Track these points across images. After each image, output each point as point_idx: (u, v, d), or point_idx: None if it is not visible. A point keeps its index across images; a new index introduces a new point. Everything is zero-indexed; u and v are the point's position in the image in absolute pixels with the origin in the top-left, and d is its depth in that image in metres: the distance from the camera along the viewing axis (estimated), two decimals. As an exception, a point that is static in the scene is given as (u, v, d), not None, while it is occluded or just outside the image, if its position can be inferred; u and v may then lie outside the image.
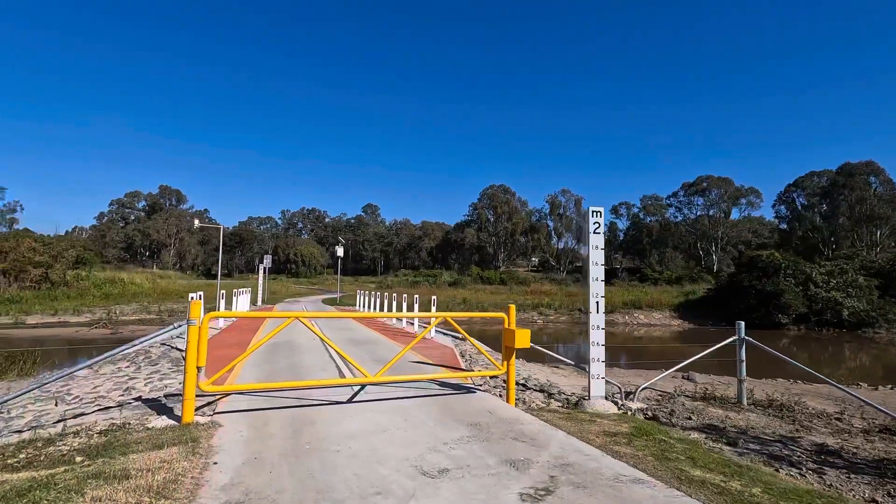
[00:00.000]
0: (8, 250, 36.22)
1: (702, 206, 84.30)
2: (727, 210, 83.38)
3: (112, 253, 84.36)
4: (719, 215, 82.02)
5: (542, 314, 31.56)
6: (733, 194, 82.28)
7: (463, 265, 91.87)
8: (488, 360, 8.51)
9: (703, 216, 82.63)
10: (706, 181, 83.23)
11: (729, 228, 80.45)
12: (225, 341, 11.06)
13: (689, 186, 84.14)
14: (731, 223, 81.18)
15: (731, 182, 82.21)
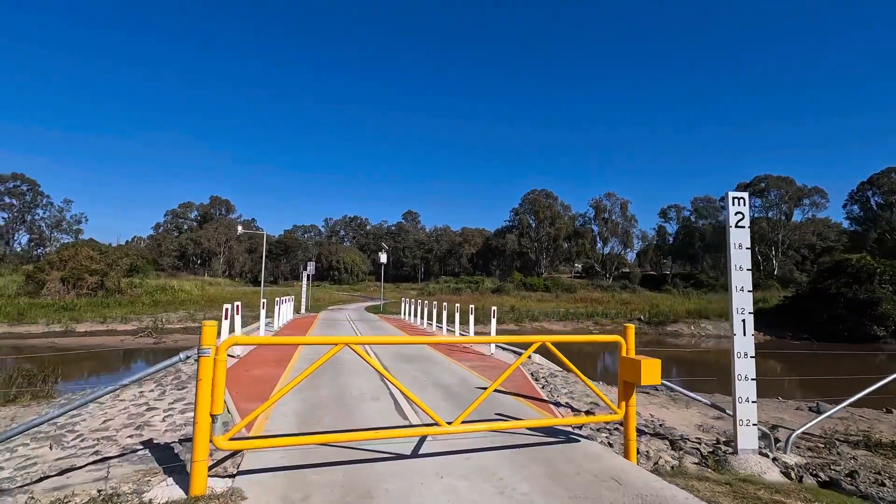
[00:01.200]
0: (67, 259, 37.53)
1: (759, 207, 78.80)
2: (788, 212, 77.55)
3: (167, 261, 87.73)
4: (779, 217, 76.34)
5: (597, 324, 29.40)
6: (795, 194, 76.40)
7: (504, 271, 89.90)
8: (569, 385, 7.10)
9: (762, 218, 77.16)
10: (764, 181, 77.80)
11: (791, 231, 74.70)
12: (262, 356, 9.98)
13: (746, 187, 78.88)
14: (793, 226, 75.38)
15: (791, 182, 76.44)
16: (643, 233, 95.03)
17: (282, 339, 3.76)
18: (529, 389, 7.19)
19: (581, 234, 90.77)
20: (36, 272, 36.55)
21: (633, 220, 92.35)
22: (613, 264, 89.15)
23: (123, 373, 12.93)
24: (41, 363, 15.95)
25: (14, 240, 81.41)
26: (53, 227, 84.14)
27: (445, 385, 7.23)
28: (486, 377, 7.96)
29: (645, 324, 29.53)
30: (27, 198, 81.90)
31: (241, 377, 7.56)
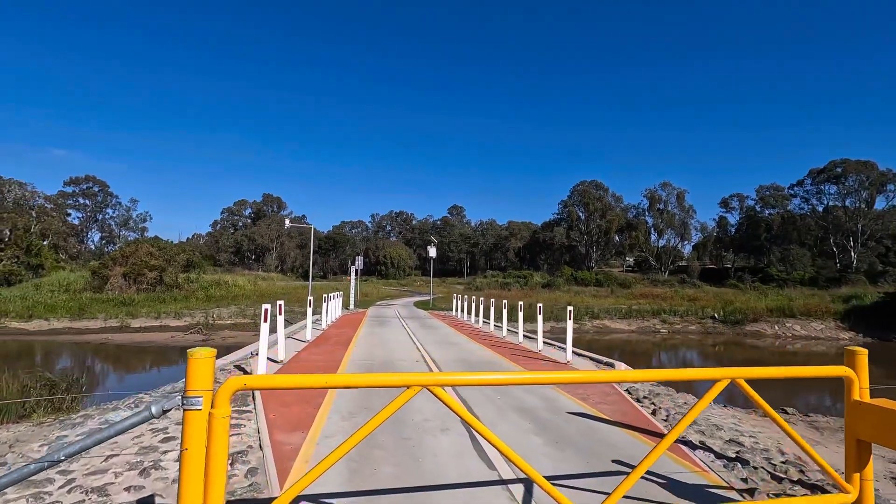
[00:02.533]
0: (128, 255, 38.89)
1: (835, 195, 71.83)
2: (870, 199, 70.20)
3: (224, 257, 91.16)
4: (858, 205, 69.23)
5: (664, 322, 26.95)
6: (877, 180, 68.88)
7: (552, 266, 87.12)
8: (681, 408, 5.41)
9: (837, 207, 70.30)
10: (841, 166, 70.67)
11: (872, 220, 67.55)
12: (311, 361, 8.91)
13: (819, 173, 72.13)
14: (874, 214, 68.12)
15: (873, 166, 68.95)
16: (702, 224, 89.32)
17: (317, 379, 2.39)
18: (637, 417, 5.61)
19: (634, 226, 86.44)
20: (100, 268, 38.07)
21: (690, 211, 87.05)
22: (669, 258, 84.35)
23: (162, 376, 12.35)
24: (82, 360, 15.97)
25: (88, 238, 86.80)
26: (121, 226, 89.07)
27: (528, 409, 5.79)
28: (577, 397, 6.44)
29: (720, 322, 26.79)
30: (98, 198, 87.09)
31: (280, 392, 6.44)
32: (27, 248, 44.39)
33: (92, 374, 13.71)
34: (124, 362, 16.56)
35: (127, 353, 17.87)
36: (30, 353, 17.63)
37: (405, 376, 2.37)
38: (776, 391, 11.73)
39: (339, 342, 11.96)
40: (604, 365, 9.53)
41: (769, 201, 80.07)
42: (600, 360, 9.89)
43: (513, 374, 2.55)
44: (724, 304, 29.74)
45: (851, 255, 65.92)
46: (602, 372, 7.45)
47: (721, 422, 5.91)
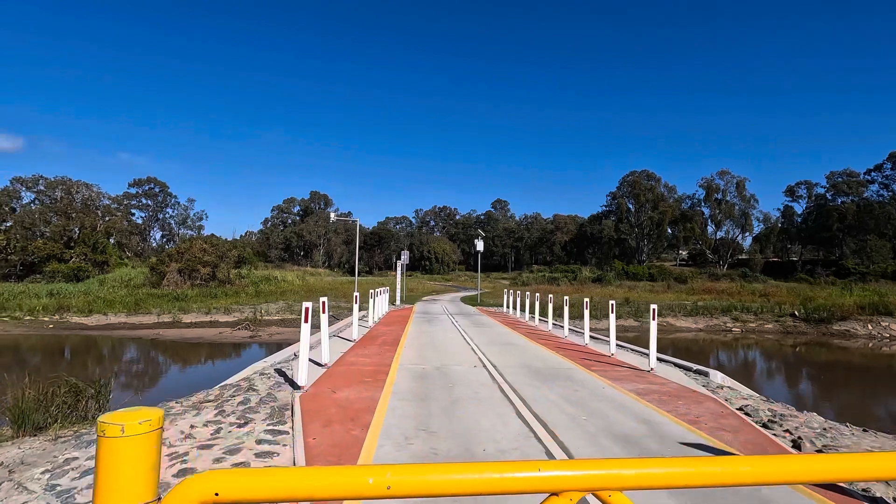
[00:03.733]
0: (183, 251, 40.12)
1: (921, 179, 65.05)
2: (962, 183, 63.07)
3: (274, 253, 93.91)
4: (948, 191, 62.32)
5: (736, 319, 24.54)
6: (970, 162, 61.57)
7: (601, 260, 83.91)
8: (824, 436, 4.03)
9: (924, 193, 63.62)
10: (928, 147, 63.62)
11: (963, 207, 60.57)
12: (357, 368, 8.02)
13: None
14: (966, 200, 61.05)
15: (965, 147, 61.58)
16: (765, 214, 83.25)
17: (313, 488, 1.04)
18: (761, 440, 4.29)
19: (689, 217, 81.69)
20: (158, 264, 39.46)
21: (752, 200, 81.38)
22: (728, 251, 79.22)
23: (202, 377, 11.92)
24: (127, 357, 15.97)
25: (150, 236, 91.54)
26: (180, 224, 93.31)
27: (627, 436, 4.58)
28: (683, 419, 5.15)
29: (801, 321, 24.11)
30: (159, 198, 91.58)
31: (322, 405, 5.54)
32: (94, 246, 46.78)
33: (130, 374, 13.61)
34: (167, 361, 16.50)
35: (173, 349, 17.86)
36: (79, 349, 17.96)
37: (520, 468, 1.13)
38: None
39: (387, 342, 11.08)
40: (694, 373, 8.12)
41: (842, 188, 73.54)
42: (689, 367, 8.46)
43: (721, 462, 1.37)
44: (804, 300, 26.88)
45: (943, 244, 59.55)
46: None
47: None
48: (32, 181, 49.47)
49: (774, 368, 17.78)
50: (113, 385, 6.79)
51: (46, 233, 45.27)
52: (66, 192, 50.09)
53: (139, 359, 16.59)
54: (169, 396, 6.64)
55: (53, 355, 16.63)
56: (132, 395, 7.42)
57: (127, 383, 12.11)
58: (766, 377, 15.97)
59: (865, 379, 15.86)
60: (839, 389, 14.44)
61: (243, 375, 7.40)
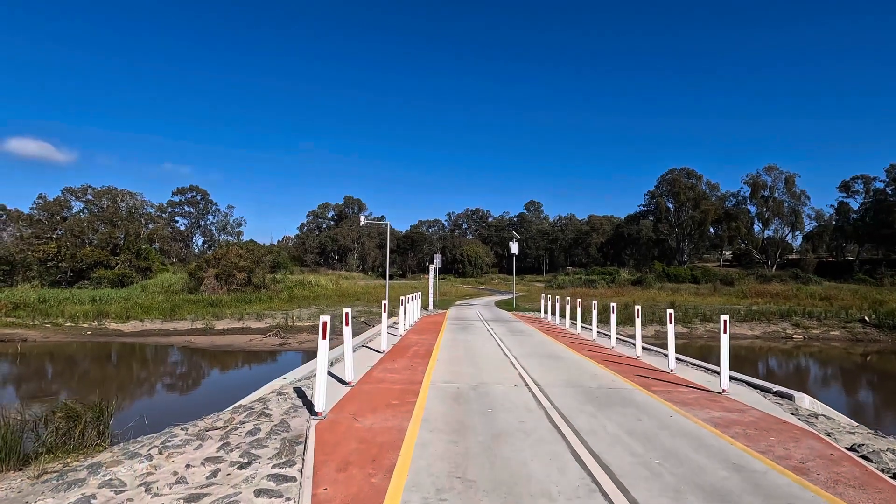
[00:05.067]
0: (220, 257, 40.73)
1: None
2: None
3: (310, 258, 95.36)
4: None
5: (798, 326, 22.48)
6: None
7: (639, 261, 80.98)
8: None
9: None
10: None
11: None
12: (384, 386, 7.25)
13: (975, 145, 60.13)
14: None
15: None
16: (817, 212, 78.37)
17: None
18: None
19: (733, 216, 77.78)
20: (196, 270, 40.19)
21: (802, 197, 76.84)
22: (776, 250, 74.88)
23: (222, 392, 11.40)
24: (149, 367, 15.70)
25: (192, 242, 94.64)
26: (220, 230, 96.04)
27: (718, 489, 3.58)
28: (779, 462, 4.08)
29: (872, 327, 21.88)
30: (201, 206, 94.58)
31: (341, 437, 4.77)
32: (137, 253, 48.24)
33: (147, 388, 13.28)
34: (190, 372, 16.14)
35: (201, 358, 17.59)
36: (102, 358, 17.94)
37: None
38: None
39: (419, 354, 10.28)
40: (775, 395, 6.93)
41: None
42: (769, 388, 7.24)
43: None
44: (872, 304, 24.50)
45: None
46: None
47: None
48: (81, 191, 51.53)
49: (855, 384, 15.94)
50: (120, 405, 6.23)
51: (94, 240, 46.97)
52: (112, 200, 51.95)
53: (162, 370, 16.32)
54: (178, 419, 6.04)
55: (77, 363, 16.65)
56: (138, 417, 6.84)
57: (140, 400, 11.77)
58: (850, 396, 14.22)
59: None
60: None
61: (259, 395, 6.75)
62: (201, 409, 6.97)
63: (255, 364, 16.69)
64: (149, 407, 10.82)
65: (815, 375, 17.08)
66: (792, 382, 13.50)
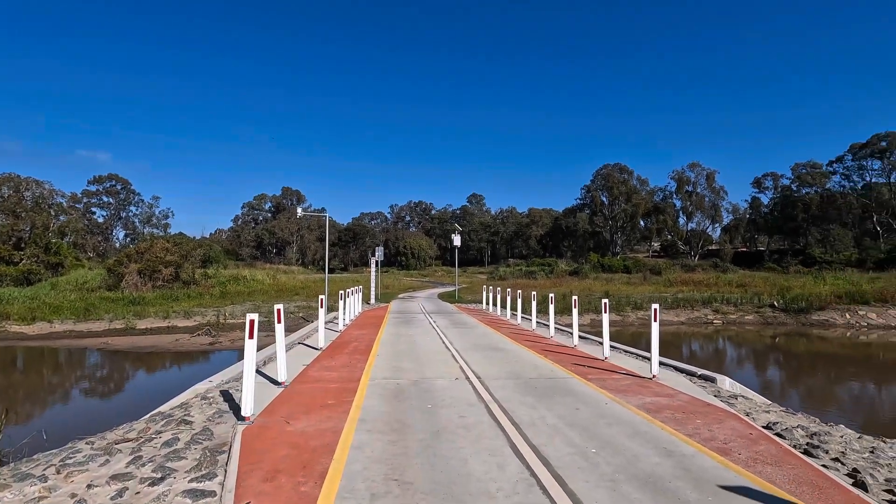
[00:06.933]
0: (143, 251, 37.79)
1: (879, 171, 67.27)
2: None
3: (246, 251, 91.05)
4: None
5: (716, 311, 24.27)
6: (926, 153, 63.89)
7: (576, 253, 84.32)
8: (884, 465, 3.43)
9: (881, 183, 65.69)
10: (885, 139, 65.91)
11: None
12: (320, 385, 6.94)
13: (861, 148, 67.62)
14: (923, 190, 63.34)
15: (922, 137, 63.92)
16: (734, 206, 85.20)
17: None
18: (833, 490, 3.43)
19: (661, 209, 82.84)
20: (116, 265, 37.02)
21: (721, 192, 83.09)
22: (699, 242, 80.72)
23: (139, 399, 10.53)
24: (53, 373, 14.18)
25: (113, 235, 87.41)
26: (145, 223, 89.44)
27: (651, 476, 3.65)
28: (715, 449, 4.27)
29: (780, 311, 24.00)
30: (121, 196, 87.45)
31: (270, 443, 4.46)
32: (46, 247, 43.81)
33: (49, 397, 12.02)
34: (105, 377, 14.66)
35: (118, 361, 16.10)
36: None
37: None
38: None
39: (359, 349, 9.98)
40: (700, 379, 7.32)
41: (806, 179, 75.54)
42: (694, 372, 7.65)
43: None
44: (781, 290, 26.90)
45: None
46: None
47: None
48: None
49: (767, 364, 17.38)
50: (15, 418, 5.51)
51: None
52: (14, 189, 46.76)
53: (71, 376, 14.72)
54: (86, 431, 5.43)
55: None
56: (36, 432, 6.10)
57: (42, 412, 10.62)
58: (763, 375, 15.48)
59: (861, 371, 15.56)
60: (837, 384, 14.05)
61: (181, 400, 6.22)
62: (114, 420, 6.33)
63: (182, 365, 15.56)
64: (51, 419, 9.73)
65: (733, 358, 18.48)
66: (714, 365, 14.51)
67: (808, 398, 12.08)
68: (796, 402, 10.88)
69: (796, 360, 17.68)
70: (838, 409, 10.79)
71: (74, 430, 5.99)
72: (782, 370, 16.40)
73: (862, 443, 4.76)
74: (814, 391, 13.08)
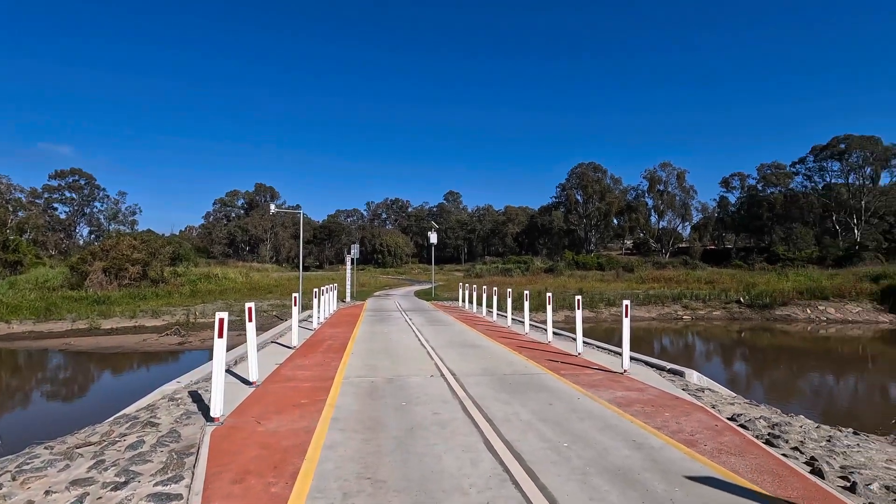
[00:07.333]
0: (109, 248, 36.47)
1: (838, 171, 70.17)
2: (874, 175, 68.45)
3: (217, 249, 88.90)
4: (862, 182, 67.50)
5: (686, 307, 25.00)
6: (882, 155, 66.87)
7: (552, 250, 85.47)
8: (838, 450, 3.68)
9: (840, 184, 68.60)
10: (844, 142, 68.71)
11: (876, 197, 65.77)
12: (292, 385, 6.84)
13: (822, 149, 70.34)
14: (879, 190, 66.33)
15: (878, 141, 66.96)
16: (703, 205, 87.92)
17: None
18: (803, 485, 3.57)
19: (634, 208, 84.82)
20: (79, 263, 35.60)
21: (691, 191, 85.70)
22: (670, 239, 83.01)
23: (104, 401, 10.16)
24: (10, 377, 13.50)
25: (76, 232, 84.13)
26: (110, 219, 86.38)
27: (620, 468, 3.73)
28: (673, 436, 4.38)
29: (746, 307, 24.87)
30: (85, 191, 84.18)
31: (240, 444, 4.37)
32: (4, 244, 41.86)
33: (2, 404, 11.46)
34: (67, 379, 13.99)
35: (81, 362, 15.44)
36: None
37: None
38: None
39: (333, 348, 9.88)
40: (669, 373, 7.52)
41: (771, 180, 78.33)
42: (663, 366, 7.86)
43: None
44: (747, 286, 27.85)
45: (855, 232, 64.44)
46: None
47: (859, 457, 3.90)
48: (-75, 172, 43.61)
49: (733, 358, 17.97)
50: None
51: (-56, 230, 40.07)
52: (-32, 184, 44.51)
53: (32, 379, 13.99)
54: (44, 436, 5.22)
55: None
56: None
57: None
58: (730, 369, 16.00)
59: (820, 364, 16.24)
60: (797, 377, 14.62)
61: (147, 402, 6.04)
62: (76, 423, 6.09)
63: (150, 366, 15.07)
64: (8, 424, 9.30)
65: (701, 352, 19.04)
66: (683, 360, 14.89)
67: (770, 390, 12.56)
68: (760, 394, 11.28)
69: (760, 354, 18.33)
70: (799, 400, 11.25)
71: (33, 434, 5.74)
72: (747, 364, 16.99)
73: (819, 432, 4.98)
74: (776, 383, 13.59)
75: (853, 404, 11.43)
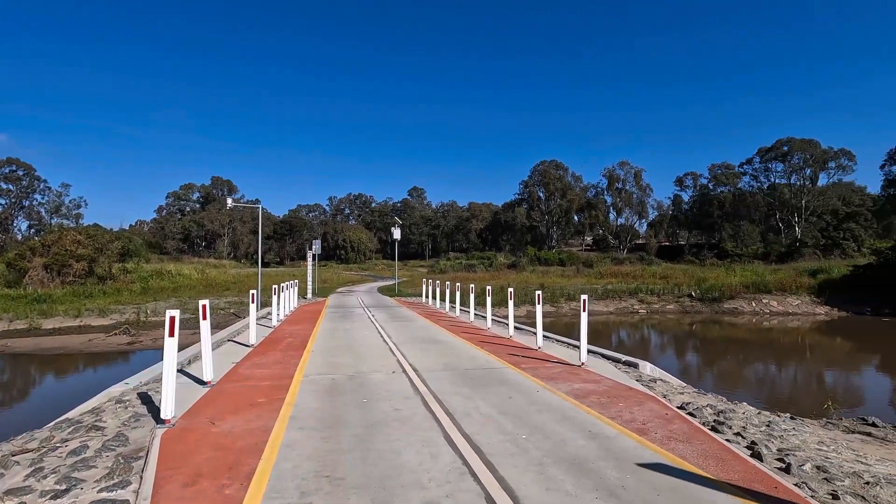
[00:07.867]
0: (51, 243, 34.31)
1: (782, 172, 74.29)
2: (813, 176, 72.92)
3: (171, 244, 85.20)
4: (803, 182, 71.76)
5: (642, 301, 25.95)
6: (820, 157, 71.28)
7: (514, 246, 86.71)
8: (775, 434, 3.47)
9: (783, 184, 72.75)
10: (787, 144, 72.78)
11: (815, 197, 70.09)
12: (251, 384, 6.66)
13: (767, 151, 74.28)
14: (817, 191, 70.71)
15: (816, 144, 71.27)
16: (658, 202, 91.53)
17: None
18: (743, 468, 3.78)
19: (594, 205, 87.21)
20: (17, 259, 33.33)
21: (648, 190, 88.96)
22: (627, 236, 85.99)
23: (45, 406, 9.60)
24: None
25: (13, 226, 78.65)
26: (52, 213, 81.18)
27: (576, 458, 3.84)
28: (633, 430, 4.56)
29: (697, 301, 26.07)
30: (24, 183, 78.68)
31: (193, 446, 4.23)
32: (-71, 239, 38.69)
33: None
34: (2, 383, 13.22)
35: (19, 365, 14.45)
36: None
37: None
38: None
39: (293, 345, 9.69)
40: (624, 365, 7.79)
41: (721, 179, 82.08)
42: (619, 358, 8.14)
43: None
44: (698, 281, 29.18)
45: (796, 230, 68.49)
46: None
47: (840, 458, 4.20)
48: None
49: (685, 349, 18.82)
50: None
51: None
52: None
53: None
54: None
55: None
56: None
57: None
58: (681, 360, 16.74)
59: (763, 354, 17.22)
60: (742, 366, 15.45)
61: (92, 405, 5.74)
62: (13, 430, 5.72)
63: (97, 367, 14.31)
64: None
65: (655, 344, 19.84)
66: (638, 352, 15.46)
67: (718, 379, 13.24)
68: (708, 384, 11.87)
69: (709, 345, 19.29)
70: (743, 388, 11.91)
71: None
72: (697, 354, 17.83)
73: (760, 418, 5.29)
74: (723, 373, 14.34)
75: (791, 391, 12.21)
